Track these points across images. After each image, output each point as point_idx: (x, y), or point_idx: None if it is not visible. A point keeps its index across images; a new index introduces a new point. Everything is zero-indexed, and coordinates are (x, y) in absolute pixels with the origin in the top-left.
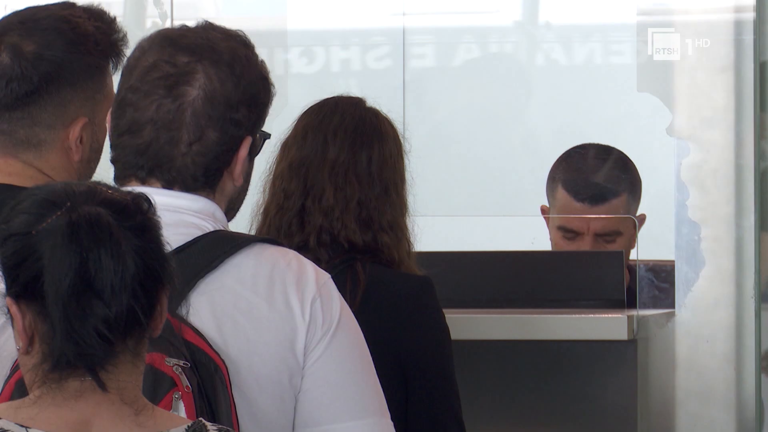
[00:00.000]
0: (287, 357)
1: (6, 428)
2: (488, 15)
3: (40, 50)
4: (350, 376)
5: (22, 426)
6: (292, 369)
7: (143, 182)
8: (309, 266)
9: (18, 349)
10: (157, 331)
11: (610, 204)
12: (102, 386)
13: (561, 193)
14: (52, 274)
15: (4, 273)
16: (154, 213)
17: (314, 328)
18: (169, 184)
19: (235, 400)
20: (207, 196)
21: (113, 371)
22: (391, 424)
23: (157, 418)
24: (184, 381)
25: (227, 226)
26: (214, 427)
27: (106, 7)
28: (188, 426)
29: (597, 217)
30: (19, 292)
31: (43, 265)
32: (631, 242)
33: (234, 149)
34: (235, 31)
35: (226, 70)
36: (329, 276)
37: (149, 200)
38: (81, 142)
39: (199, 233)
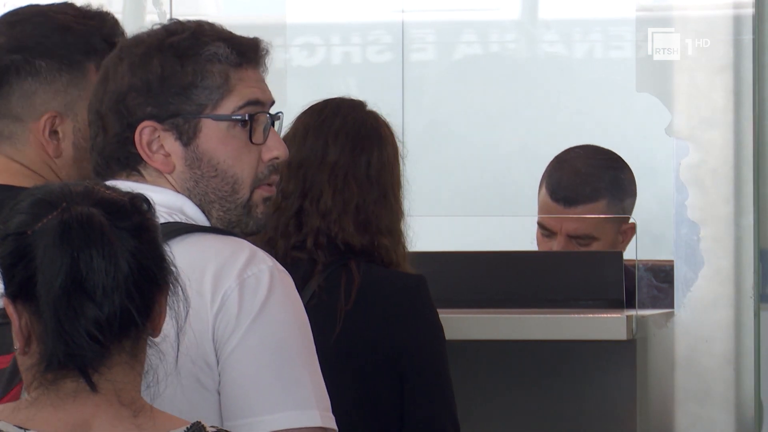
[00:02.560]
0: (202, 347)
1: (4, 430)
2: (487, 12)
3: (5, 43)
4: (267, 368)
5: (20, 428)
6: (208, 360)
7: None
8: (244, 256)
9: (16, 350)
10: (157, 332)
11: (585, 208)
12: (92, 387)
13: (543, 190)
14: (44, 275)
15: (2, 273)
16: (152, 214)
17: (225, 318)
18: (106, 177)
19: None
20: (138, 180)
21: (107, 372)
22: (320, 415)
23: (156, 420)
24: None
25: (202, 221)
26: (213, 429)
27: (105, 6)
28: (187, 428)
29: (582, 217)
30: (16, 292)
31: (37, 265)
32: (615, 247)
33: (131, 135)
34: (176, 21)
35: (125, 61)
36: (271, 268)
37: (148, 201)
38: (58, 137)
39: None
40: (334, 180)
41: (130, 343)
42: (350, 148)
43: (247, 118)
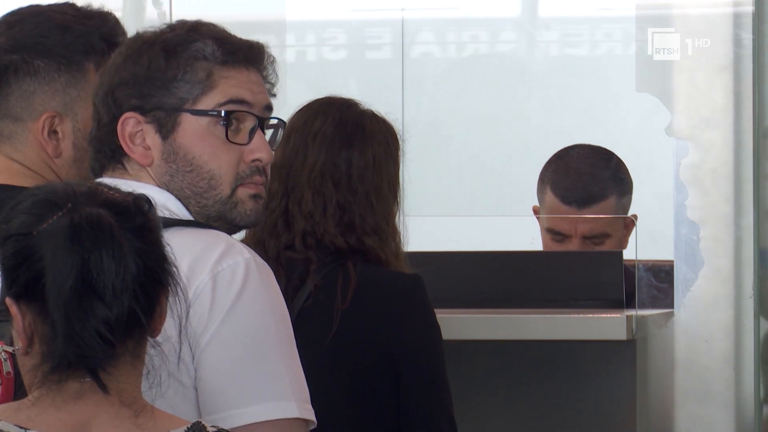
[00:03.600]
0: (182, 343)
1: (5, 430)
2: (487, 11)
3: (3, 43)
4: (241, 361)
5: (21, 428)
6: (185, 357)
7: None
8: (219, 249)
9: (17, 350)
10: (157, 332)
11: (598, 207)
12: (103, 388)
13: (549, 195)
14: (53, 276)
15: (3, 273)
16: (154, 214)
17: (198, 313)
18: (95, 168)
19: None
20: (122, 176)
21: (113, 373)
22: (297, 406)
23: (156, 420)
24: (6, 367)
25: (185, 216)
26: (214, 428)
27: (104, 6)
28: (188, 428)
29: (584, 217)
30: (19, 292)
31: (44, 266)
32: (622, 243)
33: (116, 127)
34: (180, 21)
35: (121, 55)
36: (248, 260)
37: (150, 201)
38: (57, 137)
39: None
40: (312, 181)
41: (133, 344)
42: (328, 148)
43: (224, 114)
